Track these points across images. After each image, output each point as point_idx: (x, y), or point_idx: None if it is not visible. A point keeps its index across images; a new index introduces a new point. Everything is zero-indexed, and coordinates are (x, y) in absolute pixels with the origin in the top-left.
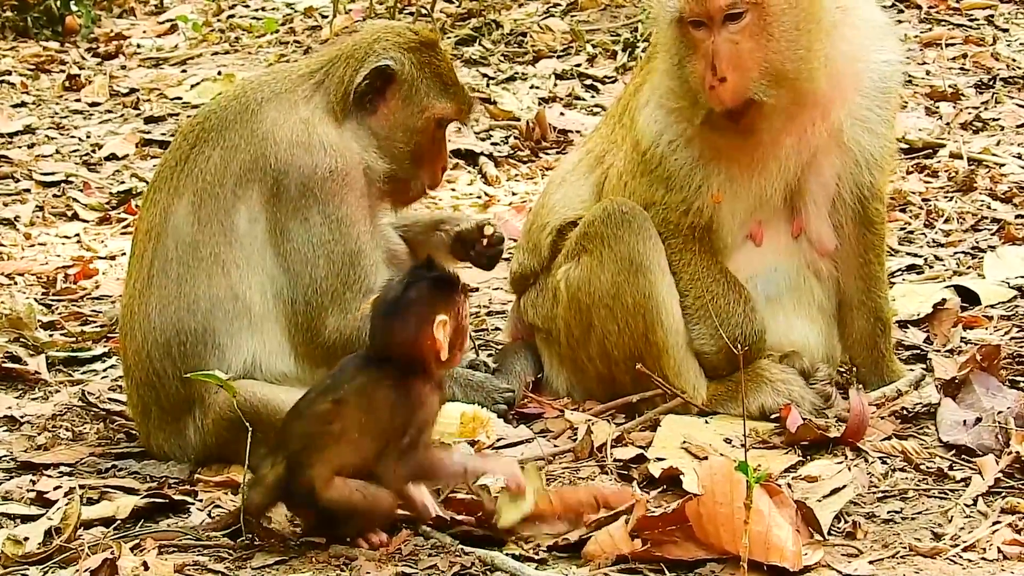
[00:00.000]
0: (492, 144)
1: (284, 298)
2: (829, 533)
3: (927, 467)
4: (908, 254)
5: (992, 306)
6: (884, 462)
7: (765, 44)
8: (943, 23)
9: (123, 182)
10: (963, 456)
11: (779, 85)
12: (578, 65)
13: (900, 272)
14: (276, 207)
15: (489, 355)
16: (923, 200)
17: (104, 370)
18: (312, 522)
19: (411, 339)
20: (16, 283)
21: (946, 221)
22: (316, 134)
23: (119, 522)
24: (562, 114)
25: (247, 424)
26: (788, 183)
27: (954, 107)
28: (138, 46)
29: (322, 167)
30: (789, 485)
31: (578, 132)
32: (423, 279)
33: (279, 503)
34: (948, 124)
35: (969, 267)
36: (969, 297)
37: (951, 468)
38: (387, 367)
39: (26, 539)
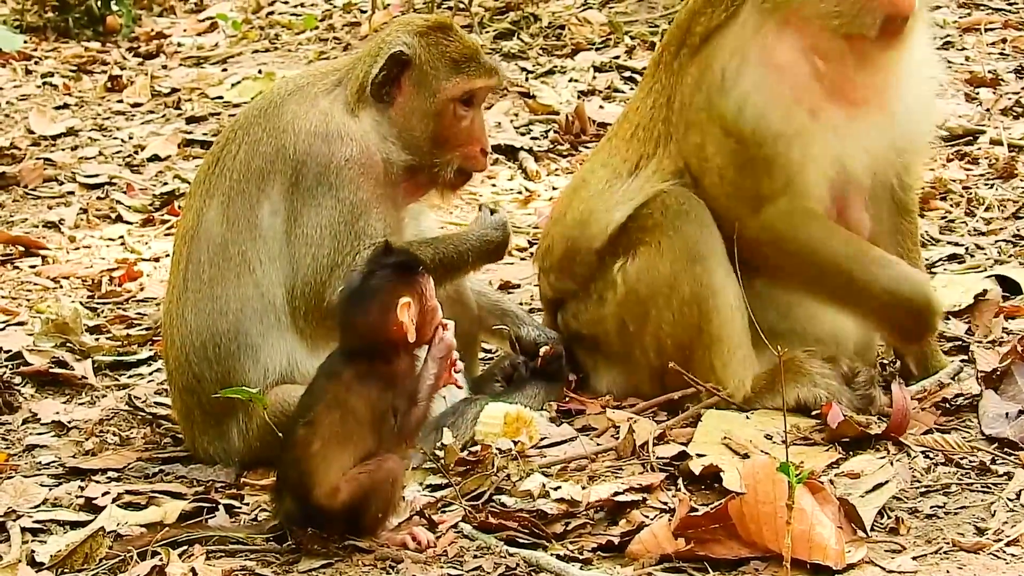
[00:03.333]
0: (532, 138)
1: (287, 286)
2: (872, 529)
3: (969, 461)
4: (949, 243)
5: None
6: (926, 456)
7: None
8: (982, 8)
9: (166, 183)
10: (1005, 449)
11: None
12: (617, 57)
13: (941, 262)
14: (294, 197)
15: None
16: (964, 188)
17: (150, 373)
18: (342, 530)
19: (377, 326)
20: (62, 286)
21: (987, 209)
22: (334, 124)
23: (167, 527)
24: (601, 107)
25: (280, 435)
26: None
27: (994, 93)
28: (179, 45)
29: (339, 156)
30: (831, 481)
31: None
32: (383, 266)
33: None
34: (988, 110)
35: (1011, 256)
36: (1011, 287)
37: (993, 462)
38: (356, 361)
39: (75, 545)
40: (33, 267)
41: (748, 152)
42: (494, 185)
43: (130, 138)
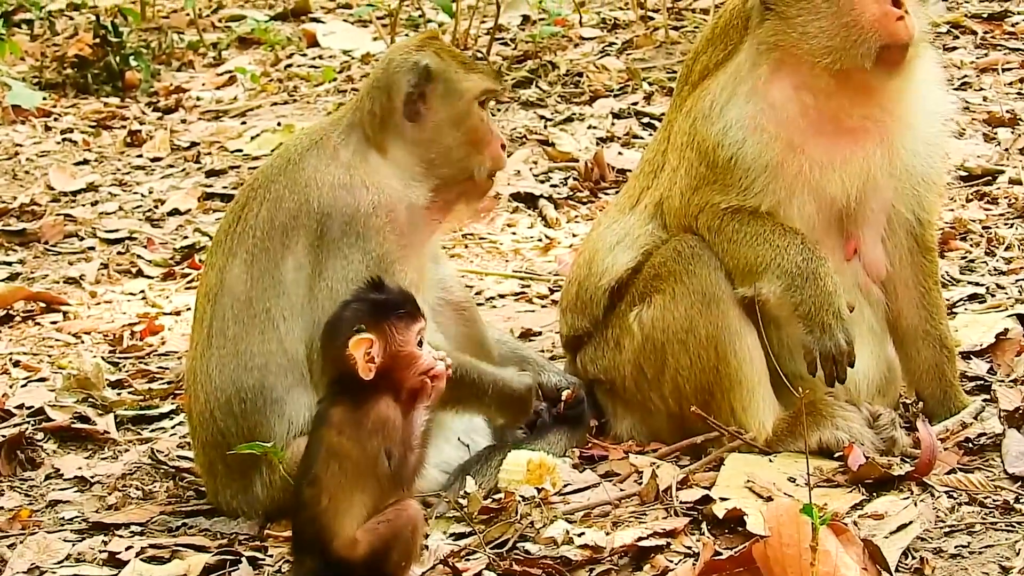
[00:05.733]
0: (551, 186)
1: (307, 340)
2: (896, 570)
3: (993, 500)
4: (970, 283)
5: None
6: (950, 496)
7: None
8: (999, 48)
9: (186, 237)
10: None
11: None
12: (635, 104)
13: (962, 301)
14: (320, 249)
15: None
16: (983, 228)
17: (172, 427)
18: None
19: (333, 357)
20: (83, 342)
21: (1007, 248)
22: (357, 174)
23: None
24: (620, 153)
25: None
26: (867, 185)
27: (1012, 132)
28: (197, 99)
29: (365, 204)
30: (855, 523)
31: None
32: (360, 299)
33: None
34: (1007, 150)
35: None
36: None
37: (1017, 500)
38: (341, 401)
39: None
40: (54, 323)
41: (714, 177)
42: (514, 233)
43: (150, 192)
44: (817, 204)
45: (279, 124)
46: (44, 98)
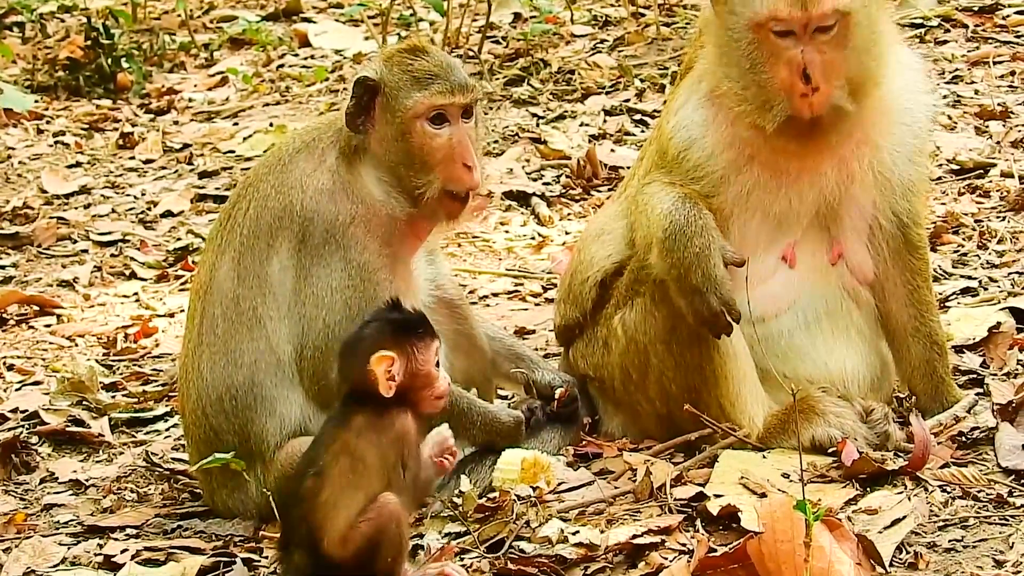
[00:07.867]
0: (544, 184)
1: (295, 344)
2: (891, 565)
3: (986, 494)
4: (962, 277)
5: None
6: (943, 490)
7: (846, 55)
8: (990, 41)
9: (179, 239)
10: (1022, 481)
11: (856, 96)
12: (627, 100)
13: (954, 295)
14: (302, 253)
15: None
16: (976, 221)
17: (167, 429)
18: None
19: (354, 373)
20: (77, 345)
21: (999, 242)
22: (340, 181)
23: None
24: (613, 150)
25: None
26: (820, 203)
27: (1004, 125)
28: (190, 100)
29: (344, 213)
30: (849, 518)
31: (629, 168)
32: (380, 318)
33: None
34: (998, 143)
35: None
36: None
37: (1011, 494)
38: (362, 410)
39: None
40: (48, 326)
41: (663, 163)
42: (507, 232)
43: (143, 195)
44: (763, 218)
45: (271, 125)
46: (36, 101)
